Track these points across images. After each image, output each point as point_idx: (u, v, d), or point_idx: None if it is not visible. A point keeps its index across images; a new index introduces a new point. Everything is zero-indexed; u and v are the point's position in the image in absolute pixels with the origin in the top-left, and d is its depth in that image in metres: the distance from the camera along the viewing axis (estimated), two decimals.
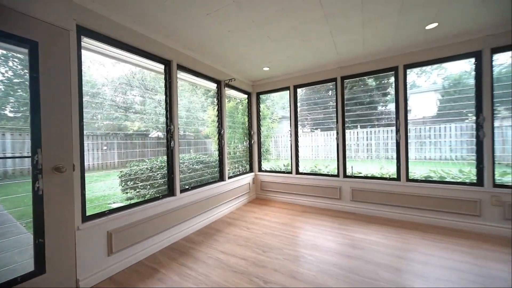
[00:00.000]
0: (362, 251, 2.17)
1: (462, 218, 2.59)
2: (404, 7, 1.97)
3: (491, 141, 2.50)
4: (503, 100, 3.13)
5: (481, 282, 1.69)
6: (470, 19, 2.18)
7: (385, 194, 3.01)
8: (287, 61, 3.16)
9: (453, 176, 2.92)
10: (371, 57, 3.03)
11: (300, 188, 3.69)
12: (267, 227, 2.81)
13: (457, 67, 3.21)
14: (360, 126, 5.16)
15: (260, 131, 4.24)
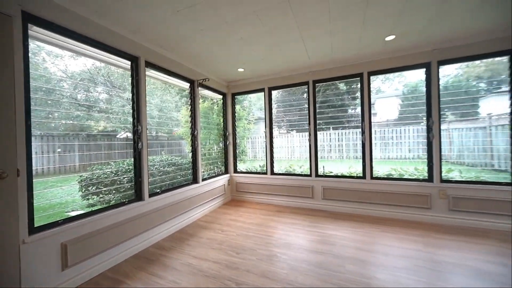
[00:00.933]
0: (331, 247, 2.29)
1: (416, 210, 2.89)
2: (366, 20, 2.14)
3: (438, 142, 2.83)
4: (450, 106, 3.59)
5: (429, 266, 1.89)
6: (420, 33, 2.45)
7: (352, 191, 3.23)
8: (261, 64, 3.21)
9: (410, 173, 3.25)
10: (340, 63, 3.23)
11: (275, 188, 3.76)
12: (241, 229, 2.80)
13: (414, 75, 3.59)
14: (332, 127, 5.46)
15: (236, 132, 4.23)
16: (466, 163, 4.33)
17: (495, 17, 2.17)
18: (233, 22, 2.11)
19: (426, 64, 2.83)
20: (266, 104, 3.83)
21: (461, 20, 2.20)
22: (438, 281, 1.70)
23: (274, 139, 4.01)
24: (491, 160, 3.63)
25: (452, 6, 1.96)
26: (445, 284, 1.67)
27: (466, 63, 2.79)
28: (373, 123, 3.28)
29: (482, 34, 2.49)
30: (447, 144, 5.21)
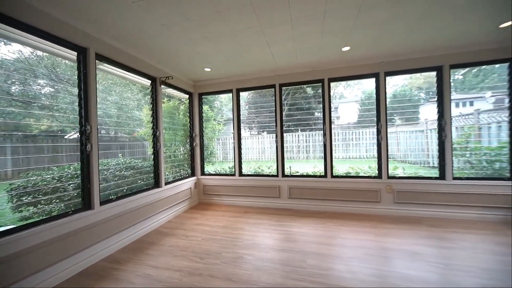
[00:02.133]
0: (294, 243, 2.40)
1: (369, 204, 3.22)
2: (324, 30, 2.31)
3: (386, 143, 3.21)
4: (398, 112, 4.10)
5: (377, 254, 2.12)
6: (370, 47, 2.75)
7: (315, 190, 3.43)
8: (228, 64, 3.19)
9: (365, 171, 3.60)
10: (304, 68, 3.41)
11: (243, 189, 3.77)
12: (207, 233, 2.73)
13: (370, 84, 4.01)
14: (301, 129, 5.74)
15: (203, 133, 4.11)
16: (410, 161, 5.02)
17: (427, 39, 2.57)
18: (197, 20, 2.05)
19: (376, 74, 3.18)
20: (234, 105, 3.82)
21: (401, 38, 2.54)
22: (383, 266, 1.92)
23: (245, 140, 4.03)
24: (427, 159, 4.29)
25: (393, 26, 2.25)
26: (389, 268, 1.89)
27: (409, 75, 3.24)
28: (337, 125, 3.56)
29: (419, 51, 2.92)
30: (395, 145, 5.95)
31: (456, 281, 1.68)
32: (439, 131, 3.05)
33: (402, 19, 2.15)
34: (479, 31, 2.43)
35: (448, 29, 2.37)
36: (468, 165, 3.27)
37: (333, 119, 15.06)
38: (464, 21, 2.22)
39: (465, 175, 3.08)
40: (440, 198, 2.96)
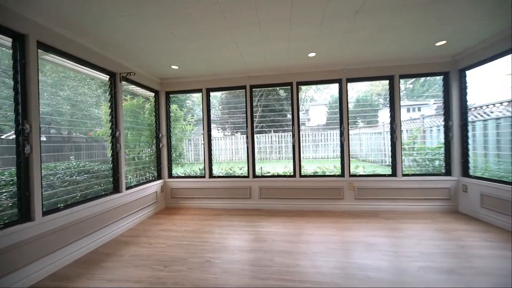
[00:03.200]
0: (263, 243, 2.42)
1: (333, 201, 3.44)
2: (291, 36, 2.40)
3: (348, 144, 3.47)
4: (360, 115, 4.45)
5: (339, 247, 2.27)
6: (334, 55, 2.95)
7: (285, 189, 3.53)
8: (197, 63, 3.10)
9: (330, 170, 3.83)
10: (273, 71, 3.49)
11: (214, 191, 3.69)
12: (173, 238, 2.59)
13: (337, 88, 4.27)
14: (273, 130, 5.85)
15: (171, 133, 3.91)
16: (370, 160, 5.52)
17: (380, 51, 2.86)
18: (160, 15, 1.94)
19: (339, 80, 3.43)
20: (204, 106, 3.72)
21: (360, 48, 2.78)
22: (343, 258, 2.05)
23: (218, 141, 3.94)
24: (384, 158, 4.77)
25: (353, 36, 2.45)
26: (348, 259, 2.03)
27: (370, 82, 3.56)
28: (307, 127, 3.70)
29: (375, 61, 3.23)
30: (358, 146, 6.47)
31: (402, 266, 1.89)
32: (391, 133, 3.41)
33: (360, 32, 2.35)
34: (420, 47, 2.80)
35: (397, 44, 2.67)
36: (415, 163, 3.73)
37: (304, 121, 15.76)
38: (408, 38, 2.54)
39: (412, 172, 3.50)
40: (393, 193, 3.32)
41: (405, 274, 1.78)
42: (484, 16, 2.13)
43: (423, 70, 3.27)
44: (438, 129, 3.65)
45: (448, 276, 1.73)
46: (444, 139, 3.34)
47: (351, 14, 2.04)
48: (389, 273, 1.80)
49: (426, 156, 3.67)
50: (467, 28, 2.35)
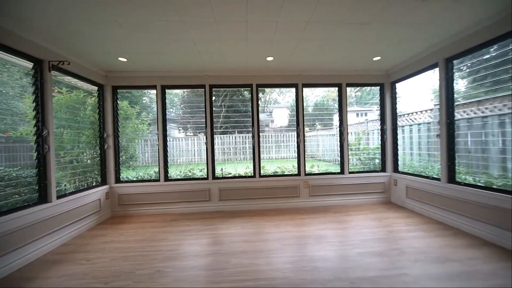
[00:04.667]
0: (221, 246, 2.38)
1: (290, 199, 3.63)
2: (249, 39, 2.44)
3: (303, 145, 3.71)
4: (318, 118, 4.80)
5: (294, 242, 2.40)
6: (289, 60, 3.12)
7: (245, 190, 3.56)
8: (150, 58, 2.86)
9: (289, 170, 4.03)
10: (234, 72, 3.49)
11: (170, 195, 3.46)
12: (119, 251, 2.32)
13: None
14: (238, 131, 5.82)
15: (119, 133, 3.51)
16: (326, 159, 6.02)
17: (327, 61, 3.15)
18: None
19: (295, 84, 3.65)
20: (158, 103, 3.46)
21: (313, 57, 3.01)
22: (296, 252, 2.17)
23: (179, 141, 3.71)
24: (337, 157, 5.27)
25: (305, 45, 2.64)
26: (300, 253, 2.16)
27: (326, 88, 3.87)
28: (271, 128, 3.78)
29: (327, 69, 3.55)
30: (316, 146, 6.98)
31: (344, 253, 2.11)
32: (340, 135, 3.80)
33: (311, 41, 2.55)
34: (362, 60, 3.20)
35: (343, 55, 2.99)
36: (360, 162, 4.24)
37: (268, 123, 16.13)
38: (351, 52, 2.87)
39: (357, 169, 3.97)
40: (341, 189, 3.69)
41: (346, 261, 2.00)
42: (409, 38, 2.56)
43: (365, 81, 3.75)
44: (378, 132, 4.23)
45: (379, 258, 2.01)
46: (381, 140, 3.89)
47: (302, 24, 2.19)
48: (334, 261, 1.99)
49: (368, 155, 4.21)
50: (396, 47, 2.79)
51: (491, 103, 2.84)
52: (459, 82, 5.07)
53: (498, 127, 2.73)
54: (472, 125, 2.99)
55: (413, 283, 1.65)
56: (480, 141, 2.90)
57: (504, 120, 2.67)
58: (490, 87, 2.85)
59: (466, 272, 1.76)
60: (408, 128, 3.91)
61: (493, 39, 2.18)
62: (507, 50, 2.33)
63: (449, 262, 1.92)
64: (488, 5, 1.96)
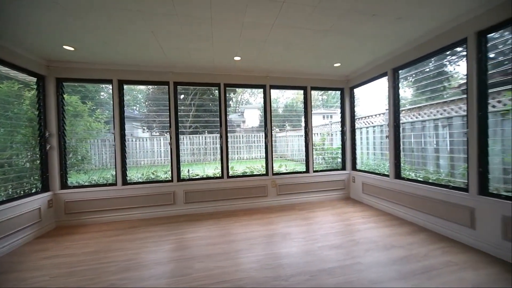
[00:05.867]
0: (185, 250, 2.27)
1: (259, 199, 3.67)
2: (215, 37, 2.39)
3: (271, 145, 3.79)
4: (288, 119, 4.93)
5: (264, 241, 2.42)
6: (257, 61, 3.15)
7: (213, 191, 3.47)
8: (105, 48, 2.58)
9: (258, 170, 4.07)
10: (201, 70, 3.38)
11: (129, 200, 3.17)
12: (63, 266, 2.03)
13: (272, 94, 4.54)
14: (208, 131, 5.64)
15: (66, 132, 3.09)
16: (295, 159, 6.24)
17: (295, 64, 3.28)
18: None
19: (263, 86, 3.70)
20: (115, 100, 3.14)
21: (279, 59, 3.09)
22: (262, 251, 2.20)
23: (144, 142, 3.41)
24: (304, 157, 5.52)
25: (270, 48, 2.69)
26: (266, 251, 2.19)
27: (295, 90, 4.01)
28: (242, 128, 3.73)
29: (293, 72, 3.69)
30: (285, 147, 7.18)
31: (306, 248, 2.22)
32: (305, 136, 3.99)
33: (276, 44, 2.61)
34: (324, 66, 3.42)
35: (307, 60, 3.14)
36: (323, 161, 4.51)
37: (239, 123, 16.15)
38: (314, 57, 3.03)
39: (321, 168, 4.22)
40: (306, 187, 3.88)
41: (308, 255, 2.10)
42: (363, 48, 2.82)
43: (328, 85, 4.01)
44: (340, 133, 4.57)
45: (337, 250, 2.17)
46: (341, 141, 4.21)
47: (268, 26, 2.23)
48: (297, 257, 2.07)
49: (331, 155, 4.51)
50: (352, 55, 3.05)
51: (428, 109, 3.32)
52: (406, 91, 5.80)
53: (433, 130, 3.20)
54: (415, 128, 3.45)
55: (365, 270, 1.82)
56: (420, 141, 3.36)
57: (438, 124, 3.15)
58: (429, 95, 3.34)
59: (406, 256, 2.02)
60: (365, 129, 4.32)
61: (431, 53, 2.54)
62: (442, 64, 2.76)
63: (393, 248, 2.17)
64: (427, 23, 2.27)
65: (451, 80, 3.39)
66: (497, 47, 2.34)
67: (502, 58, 2.72)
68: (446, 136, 3.02)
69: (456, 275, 1.72)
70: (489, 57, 2.13)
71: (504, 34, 2.46)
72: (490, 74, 2.08)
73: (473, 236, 2.13)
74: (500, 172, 2.30)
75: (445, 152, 3.02)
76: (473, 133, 2.10)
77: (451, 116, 2.95)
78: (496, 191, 2.08)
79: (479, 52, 2.05)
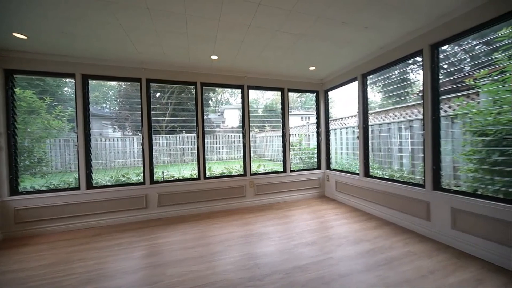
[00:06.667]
0: (157, 257, 2.16)
1: (237, 200, 3.64)
2: (190, 34, 2.31)
3: (249, 145, 3.79)
4: (268, 120, 4.95)
5: (241, 242, 2.39)
6: (234, 61, 3.14)
7: (189, 193, 3.36)
8: (66, 39, 2.34)
9: (237, 170, 4.04)
10: (176, 68, 3.25)
11: (94, 206, 2.92)
12: (12, 283, 1.79)
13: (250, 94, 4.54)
14: (186, 131, 5.43)
15: (16, 131, 2.73)
16: (274, 159, 6.32)
17: (272, 66, 3.33)
18: None
19: (241, 86, 3.69)
20: (78, 96, 2.86)
21: (255, 58, 3.11)
22: (239, 252, 2.18)
23: (115, 142, 3.15)
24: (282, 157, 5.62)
25: (247, 48, 2.69)
26: (243, 252, 2.18)
27: (276, 92, 4.05)
28: (222, 129, 3.67)
29: (271, 74, 3.73)
30: (265, 147, 7.24)
31: (282, 247, 2.26)
32: (282, 137, 4.07)
33: (253, 45, 2.62)
34: (300, 69, 3.51)
35: (284, 62, 3.21)
36: (300, 161, 4.65)
37: (219, 123, 15.97)
38: (291, 60, 3.11)
39: (297, 168, 4.34)
40: (284, 186, 3.96)
41: (283, 253, 2.14)
42: (335, 53, 2.96)
43: (304, 87, 4.14)
44: (317, 133, 4.75)
45: (311, 247, 2.24)
46: (317, 141, 4.38)
47: (244, 27, 2.23)
48: (273, 256, 2.10)
49: (308, 155, 4.67)
50: (326, 60, 3.19)
51: (394, 112, 3.62)
52: (376, 95, 6.21)
53: (397, 132, 3.49)
54: (382, 129, 3.73)
55: (335, 265, 1.91)
56: (387, 142, 3.65)
57: (401, 126, 3.44)
58: (395, 100, 3.64)
59: (373, 249, 2.16)
60: (339, 131, 4.56)
61: (394, 61, 2.76)
62: (405, 71, 3.02)
63: (362, 242, 2.31)
64: (389, 34, 2.47)
65: (413, 86, 3.75)
66: (449, 58, 2.64)
67: (452, 69, 3.07)
68: (408, 138, 3.32)
69: (414, 264, 1.89)
70: (442, 67, 2.40)
71: (455, 48, 2.78)
72: (442, 82, 2.33)
73: (428, 227, 2.36)
74: (451, 170, 2.60)
75: (407, 152, 3.32)
76: (428, 134, 2.33)
77: (412, 119, 3.25)
78: (447, 186, 2.34)
79: (432, 62, 2.29)
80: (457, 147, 2.48)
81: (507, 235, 1.76)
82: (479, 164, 2.14)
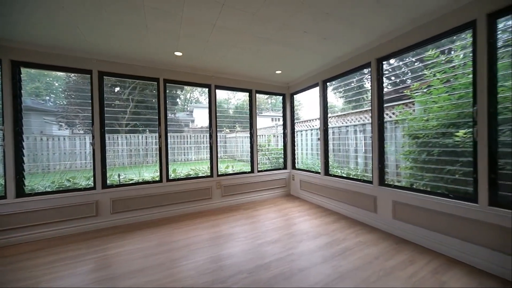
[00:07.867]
0: (107, 270, 1.94)
1: (203, 202, 3.53)
2: (150, 27, 2.15)
3: (216, 146, 3.71)
4: (238, 120, 4.89)
5: (206, 245, 2.30)
6: (200, 59, 3.04)
7: (149, 197, 3.12)
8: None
9: (204, 171, 3.91)
10: (135, 61, 2.99)
11: (28, 216, 2.47)
12: None
13: (219, 93, 4.41)
14: (149, 130, 5.00)
15: None
16: (243, 160, 6.30)
17: (239, 67, 3.34)
18: None
19: (209, 85, 3.61)
20: (5, 86, 2.39)
21: (222, 58, 3.07)
22: (203, 256, 2.11)
23: (61, 141, 2.68)
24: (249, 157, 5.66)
25: (213, 48, 2.65)
26: (208, 255, 2.11)
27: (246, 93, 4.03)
28: (191, 128, 3.48)
29: (239, 75, 3.73)
30: (235, 147, 7.17)
31: (248, 247, 2.27)
32: (250, 137, 4.11)
33: (220, 45, 2.59)
34: (267, 72, 3.61)
35: (252, 65, 3.24)
36: (268, 161, 4.76)
37: (188, 122, 15.30)
38: (257, 63, 3.17)
39: (265, 168, 4.43)
40: (251, 186, 3.99)
41: (248, 253, 2.15)
42: (299, 60, 3.12)
43: (271, 90, 4.26)
44: (284, 134, 4.92)
45: (275, 244, 2.31)
46: (283, 142, 4.55)
47: (209, 25, 2.18)
48: (238, 256, 2.09)
49: (275, 155, 4.81)
50: (291, 65, 3.34)
51: (351, 116, 3.99)
52: (339, 100, 6.69)
53: (353, 134, 3.86)
54: (341, 131, 4.08)
55: (296, 260, 2.01)
56: (345, 143, 4.00)
57: (357, 129, 3.82)
58: (353, 105, 4.01)
59: (330, 242, 2.34)
60: (305, 132, 4.81)
61: (349, 71, 3.05)
62: (361, 79, 3.36)
63: (321, 236, 2.48)
64: (344, 46, 2.71)
65: (368, 93, 4.21)
66: (395, 70, 3.04)
67: (397, 80, 3.54)
68: (362, 139, 3.70)
69: (364, 252, 2.12)
70: (390, 78, 2.75)
71: (400, 62, 3.21)
72: (388, 92, 2.68)
73: (375, 218, 2.67)
74: (394, 167, 3.00)
75: (361, 152, 3.70)
76: (375, 137, 2.65)
77: (365, 123, 3.64)
78: (391, 182, 2.69)
79: (378, 74, 2.61)
80: (399, 148, 2.87)
81: (434, 222, 2.11)
82: (413, 162, 2.52)
